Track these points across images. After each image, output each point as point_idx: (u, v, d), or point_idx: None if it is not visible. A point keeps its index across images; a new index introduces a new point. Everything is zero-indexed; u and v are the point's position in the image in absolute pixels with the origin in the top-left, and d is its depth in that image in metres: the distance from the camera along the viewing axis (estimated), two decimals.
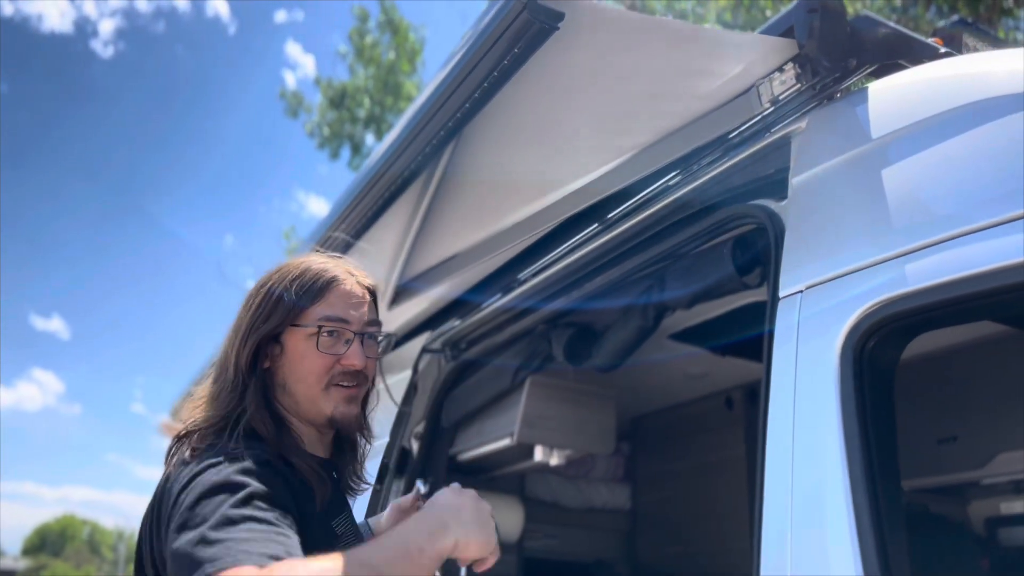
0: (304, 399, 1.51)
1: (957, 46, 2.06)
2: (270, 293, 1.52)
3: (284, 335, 1.51)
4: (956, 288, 1.36)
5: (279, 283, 1.52)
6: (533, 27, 1.55)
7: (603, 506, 4.44)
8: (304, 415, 1.53)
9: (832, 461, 1.42)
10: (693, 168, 2.16)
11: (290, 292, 1.50)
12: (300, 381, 1.50)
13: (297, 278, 1.52)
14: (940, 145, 1.52)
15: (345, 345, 1.51)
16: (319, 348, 1.49)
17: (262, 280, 1.56)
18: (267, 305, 1.51)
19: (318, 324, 1.49)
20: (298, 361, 1.50)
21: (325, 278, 1.53)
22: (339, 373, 1.51)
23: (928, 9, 9.70)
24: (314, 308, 1.51)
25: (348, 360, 1.50)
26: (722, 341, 3.41)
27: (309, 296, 1.51)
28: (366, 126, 15.82)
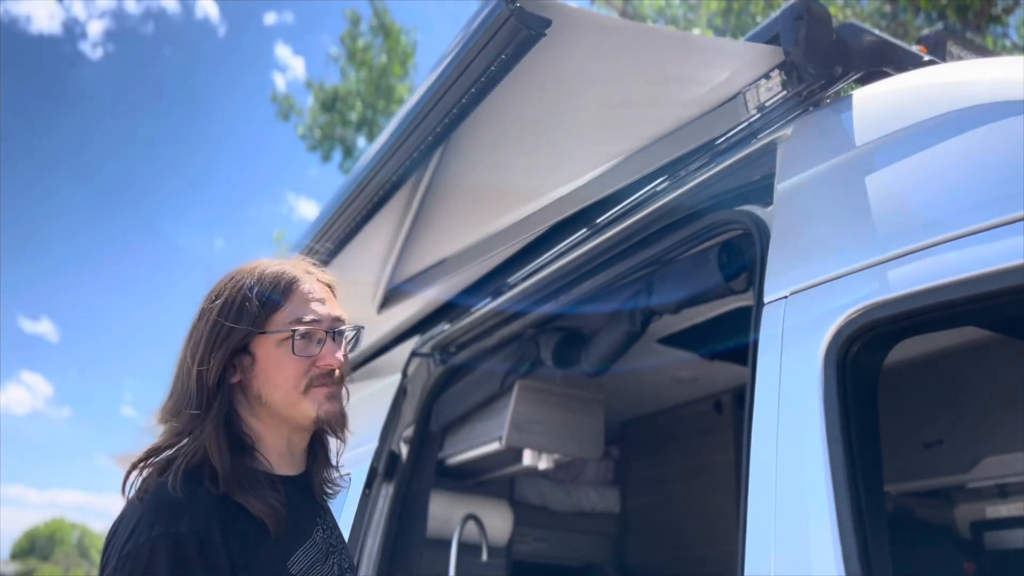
0: (284, 406, 1.47)
1: (941, 54, 2.08)
2: (230, 302, 1.46)
3: (252, 344, 1.46)
4: (939, 294, 1.37)
5: (237, 291, 1.47)
6: (520, 33, 1.55)
7: (592, 510, 4.44)
8: (285, 422, 1.49)
9: (815, 466, 1.42)
10: (680, 174, 2.17)
11: (251, 299, 1.45)
12: (277, 388, 1.46)
13: (256, 284, 1.47)
14: (924, 152, 1.53)
15: (318, 345, 1.47)
16: (295, 352, 1.45)
17: (215, 290, 1.50)
18: (229, 315, 1.45)
19: (290, 328, 1.45)
20: (273, 369, 1.45)
21: (285, 280, 1.49)
22: (316, 376, 1.47)
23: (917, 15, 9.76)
24: (280, 312, 1.46)
25: (324, 360, 1.47)
26: (710, 345, 3.43)
27: (273, 300, 1.46)
28: (358, 129, 15.81)
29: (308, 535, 1.48)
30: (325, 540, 1.52)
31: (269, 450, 1.49)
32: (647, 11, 11.65)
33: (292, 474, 1.53)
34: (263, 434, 1.49)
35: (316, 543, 1.49)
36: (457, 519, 3.51)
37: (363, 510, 3.03)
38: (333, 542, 1.56)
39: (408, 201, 2.68)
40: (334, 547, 1.55)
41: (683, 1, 11.12)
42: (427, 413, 3.20)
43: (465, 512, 3.53)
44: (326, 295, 1.54)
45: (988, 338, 2.60)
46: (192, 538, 1.28)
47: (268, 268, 1.51)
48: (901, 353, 1.62)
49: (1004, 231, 1.32)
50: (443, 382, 3.23)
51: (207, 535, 1.29)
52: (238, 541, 1.32)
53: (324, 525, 1.55)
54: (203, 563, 1.27)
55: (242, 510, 1.36)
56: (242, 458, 1.43)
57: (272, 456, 1.49)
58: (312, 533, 1.50)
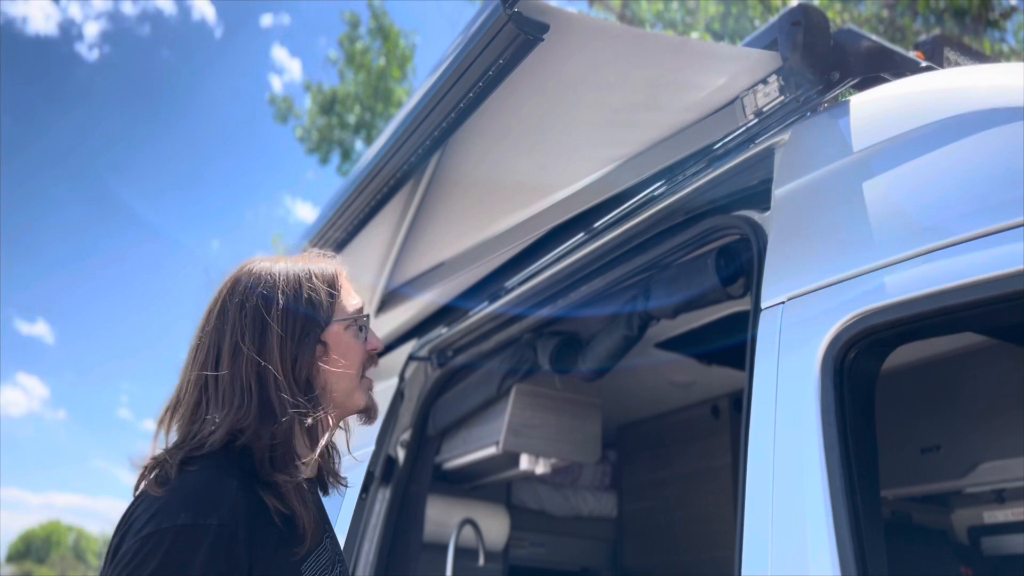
0: (342, 395, 1.49)
1: (938, 59, 2.08)
2: (293, 297, 1.46)
3: (324, 334, 1.48)
4: (937, 300, 1.37)
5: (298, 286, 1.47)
6: (518, 38, 1.56)
7: (589, 514, 4.44)
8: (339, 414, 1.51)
9: (812, 471, 1.43)
10: (678, 178, 2.17)
11: (318, 291, 1.48)
12: (343, 376, 1.48)
13: (311, 275, 1.50)
14: (921, 158, 1.53)
15: (364, 332, 1.54)
16: (364, 337, 1.52)
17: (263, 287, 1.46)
18: (300, 308, 1.46)
19: (354, 314, 1.52)
20: (343, 356, 1.48)
21: (331, 271, 1.54)
22: (367, 359, 1.54)
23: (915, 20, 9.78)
24: (343, 300, 1.52)
25: (373, 344, 1.54)
26: (708, 350, 3.43)
27: (336, 289, 1.51)
28: (356, 132, 15.81)
29: (320, 542, 1.47)
30: (331, 548, 1.51)
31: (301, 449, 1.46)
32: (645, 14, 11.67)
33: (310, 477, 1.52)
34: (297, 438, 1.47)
35: (326, 549, 1.49)
36: (454, 523, 3.50)
37: (359, 514, 3.02)
38: (336, 552, 1.55)
39: (406, 204, 2.69)
40: (339, 557, 1.54)
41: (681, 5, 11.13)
42: (424, 417, 3.20)
43: (462, 516, 3.53)
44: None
45: (985, 343, 2.60)
46: (217, 531, 1.25)
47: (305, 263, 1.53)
48: (898, 358, 1.62)
49: (1001, 237, 1.32)
50: (440, 386, 3.23)
51: (234, 530, 1.26)
52: (261, 541, 1.31)
53: (328, 533, 1.54)
54: (225, 558, 1.24)
55: (267, 510, 1.34)
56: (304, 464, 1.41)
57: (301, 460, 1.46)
58: (323, 540, 1.49)
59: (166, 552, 1.21)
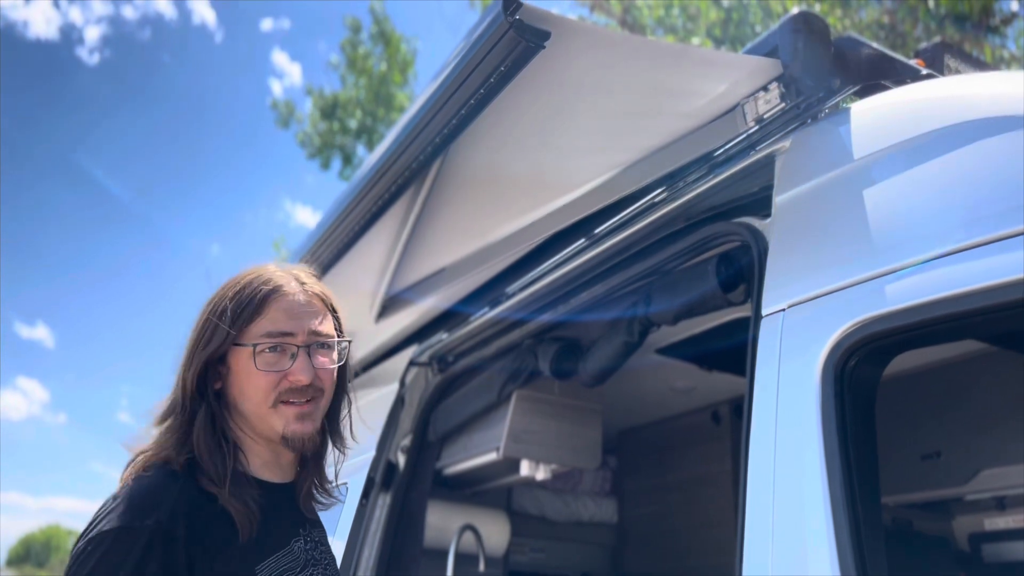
0: (254, 418, 1.47)
1: (939, 67, 2.08)
2: (213, 312, 1.47)
3: (229, 355, 1.47)
4: (937, 308, 1.37)
5: (221, 301, 1.47)
6: (519, 46, 1.56)
7: (590, 520, 4.43)
8: (259, 435, 1.49)
9: (813, 478, 1.43)
10: (679, 185, 2.17)
11: (228, 311, 1.45)
12: (248, 400, 1.46)
13: (237, 294, 1.47)
14: (922, 166, 1.53)
15: (291, 360, 1.45)
16: (258, 366, 1.43)
17: (211, 297, 1.51)
18: (209, 325, 1.46)
19: (258, 341, 1.44)
20: (244, 380, 1.45)
21: (264, 291, 1.47)
22: (286, 390, 1.45)
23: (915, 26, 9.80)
24: (256, 324, 1.45)
25: (294, 376, 1.45)
26: (708, 356, 3.43)
27: (248, 313, 1.45)
28: (357, 137, 15.83)
29: (285, 544, 1.47)
30: (305, 552, 1.51)
31: (253, 455, 1.50)
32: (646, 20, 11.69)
33: (277, 481, 1.53)
34: (244, 440, 1.50)
35: (293, 552, 1.48)
36: (454, 529, 3.50)
37: (360, 520, 3.02)
38: (315, 555, 1.54)
39: (407, 210, 2.69)
40: (315, 560, 1.53)
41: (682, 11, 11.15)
42: (425, 423, 3.20)
43: (462, 522, 3.52)
44: (312, 308, 1.51)
45: (986, 350, 2.60)
46: (152, 532, 1.29)
47: (255, 277, 1.50)
48: (899, 364, 1.62)
49: (1002, 245, 1.32)
50: (441, 392, 3.23)
51: (170, 530, 1.30)
52: (204, 540, 1.34)
53: (308, 537, 1.54)
54: (159, 558, 1.29)
55: (217, 511, 1.38)
56: (225, 459, 1.44)
57: (256, 461, 1.50)
58: (290, 543, 1.49)
59: (103, 553, 1.28)
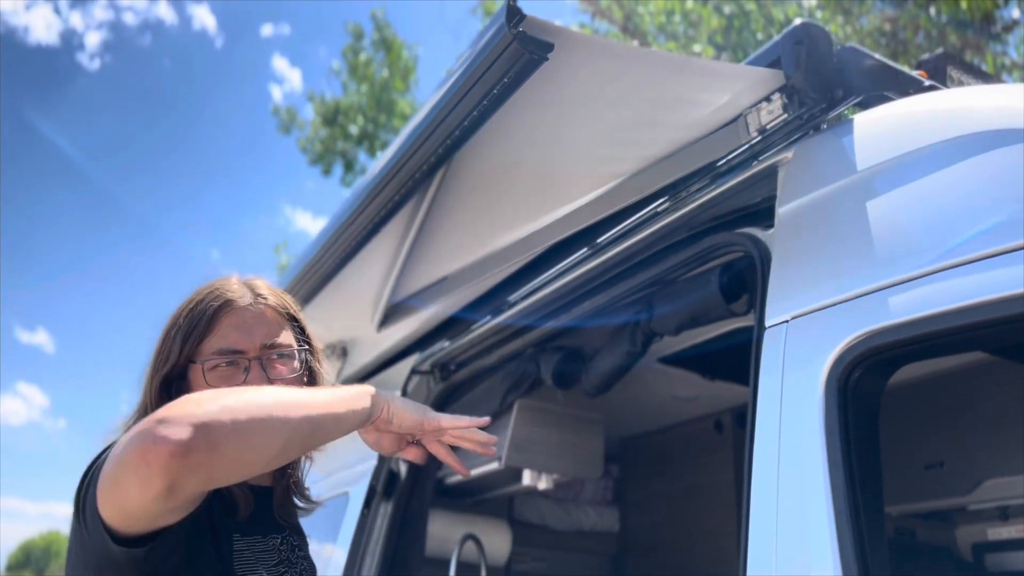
0: None
1: (941, 78, 2.08)
2: (170, 330, 1.46)
3: (188, 371, 1.45)
4: (941, 321, 1.37)
5: (176, 319, 1.47)
6: (523, 58, 1.56)
7: (592, 529, 4.42)
8: None
9: (816, 490, 1.43)
10: (682, 195, 2.17)
11: (181, 329, 1.44)
12: None
13: (190, 312, 1.46)
14: (925, 178, 1.53)
15: (244, 373, 1.43)
16: (208, 382, 1.41)
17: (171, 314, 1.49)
18: (166, 344, 1.45)
19: (207, 359, 1.43)
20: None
21: (214, 307, 1.46)
22: None
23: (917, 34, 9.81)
24: (207, 341, 1.44)
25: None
26: (711, 365, 3.43)
27: (200, 330, 1.44)
28: (358, 143, 15.85)
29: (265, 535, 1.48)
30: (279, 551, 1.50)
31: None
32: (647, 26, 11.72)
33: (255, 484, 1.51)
34: None
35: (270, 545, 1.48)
36: (456, 538, 3.49)
37: (361, 529, 3.01)
38: (291, 557, 1.53)
39: (410, 219, 2.69)
40: (290, 562, 1.52)
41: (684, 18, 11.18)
42: None
43: (464, 531, 3.52)
44: (264, 320, 1.49)
45: (990, 360, 2.59)
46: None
47: (210, 293, 1.49)
48: (902, 374, 1.62)
49: (1005, 259, 1.32)
50: (443, 400, 3.22)
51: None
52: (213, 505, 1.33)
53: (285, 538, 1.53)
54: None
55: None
56: None
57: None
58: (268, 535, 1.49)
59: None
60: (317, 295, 2.93)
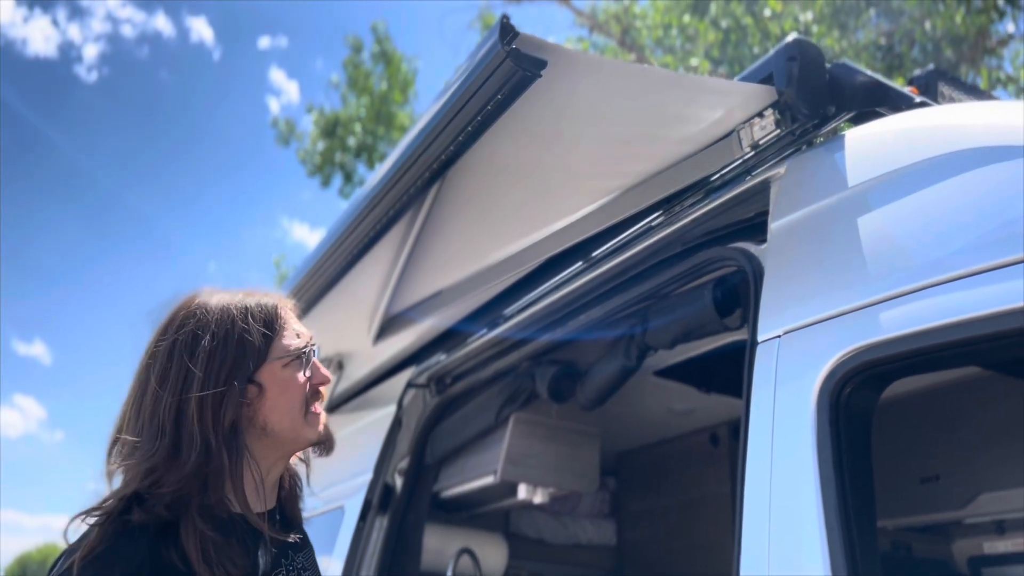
0: (288, 432, 1.46)
1: (933, 95, 2.10)
2: (223, 336, 1.42)
3: (259, 374, 1.43)
4: (932, 336, 1.37)
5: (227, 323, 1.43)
6: (516, 75, 1.57)
7: (588, 542, 4.40)
8: (284, 451, 1.49)
9: (808, 506, 1.43)
10: (675, 209, 2.18)
11: (250, 330, 1.43)
12: (284, 414, 1.44)
13: (247, 313, 1.45)
14: (917, 194, 1.54)
15: (306, 366, 1.49)
16: (306, 373, 1.47)
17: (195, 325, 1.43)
18: (229, 347, 1.41)
19: (296, 352, 1.47)
20: (280, 394, 1.44)
21: (271, 304, 1.49)
22: (311, 394, 1.50)
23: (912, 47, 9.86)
24: (280, 338, 1.47)
25: (319, 377, 1.50)
26: (706, 378, 3.43)
27: (272, 327, 1.46)
28: (357, 155, 15.88)
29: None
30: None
31: (247, 484, 1.44)
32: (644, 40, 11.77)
33: (260, 510, 1.47)
34: (246, 472, 1.44)
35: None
36: (451, 552, 3.48)
37: (357, 543, 3.01)
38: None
39: (406, 232, 2.70)
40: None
41: (681, 32, 11.23)
42: (422, 445, 3.19)
43: (460, 546, 3.51)
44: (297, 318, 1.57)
45: (985, 373, 2.59)
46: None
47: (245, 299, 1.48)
48: (897, 387, 1.62)
49: (997, 274, 1.33)
50: (438, 414, 3.22)
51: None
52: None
53: (291, 565, 1.50)
54: None
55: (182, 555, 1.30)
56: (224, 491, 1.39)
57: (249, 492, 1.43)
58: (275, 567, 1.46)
59: None
60: (314, 308, 2.93)
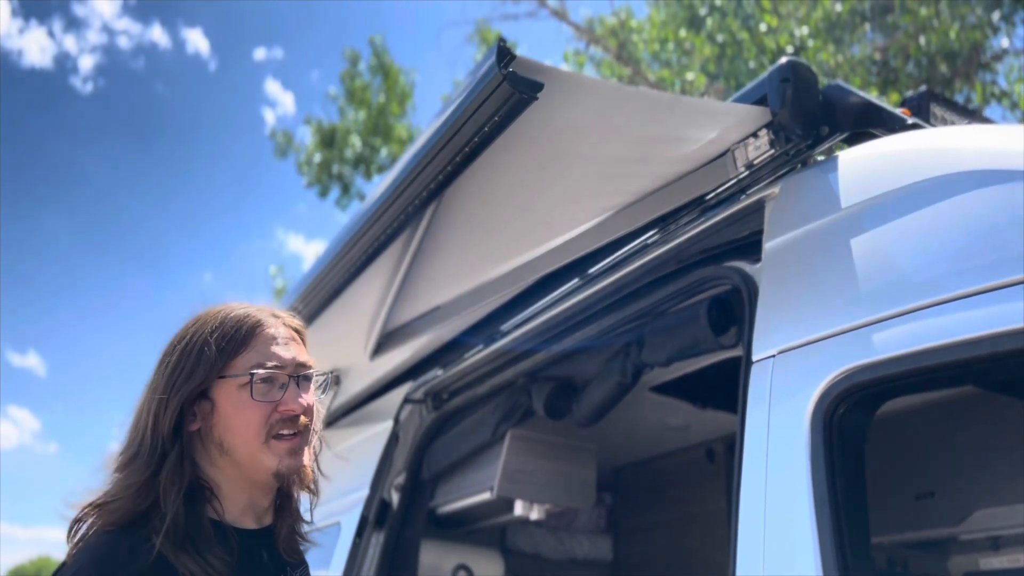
0: (244, 455, 1.41)
1: (925, 116, 2.12)
2: (190, 347, 1.41)
3: (213, 390, 1.41)
4: (925, 358, 1.39)
5: (198, 335, 1.43)
6: (513, 97, 1.59)
7: (585, 557, 4.39)
8: (246, 474, 1.43)
9: (802, 524, 1.44)
10: (670, 228, 2.20)
11: (211, 343, 1.40)
12: (238, 435, 1.40)
13: (217, 328, 1.43)
14: (910, 216, 1.55)
15: (280, 390, 1.42)
16: (254, 396, 1.39)
17: (178, 335, 1.46)
18: (188, 360, 1.40)
19: (249, 371, 1.40)
20: (233, 415, 1.40)
21: (248, 323, 1.45)
22: (278, 421, 1.41)
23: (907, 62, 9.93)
24: (242, 356, 1.42)
25: (286, 406, 1.42)
26: (702, 394, 3.43)
27: (234, 344, 1.42)
28: (355, 167, 15.91)
29: None
30: None
31: (229, 500, 1.43)
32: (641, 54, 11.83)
33: (254, 527, 1.47)
34: (223, 484, 1.43)
35: None
36: (448, 569, 3.48)
37: (353, 558, 3.00)
38: None
39: (403, 249, 2.71)
40: None
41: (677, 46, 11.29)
42: (419, 461, 3.19)
43: (456, 562, 3.51)
44: (292, 340, 1.50)
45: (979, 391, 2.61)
46: None
47: (232, 312, 1.47)
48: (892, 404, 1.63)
49: (988, 297, 1.34)
50: (435, 429, 3.22)
51: None
52: None
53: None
54: None
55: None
56: (195, 508, 1.37)
57: (233, 508, 1.44)
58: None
59: None
60: (312, 323, 2.94)
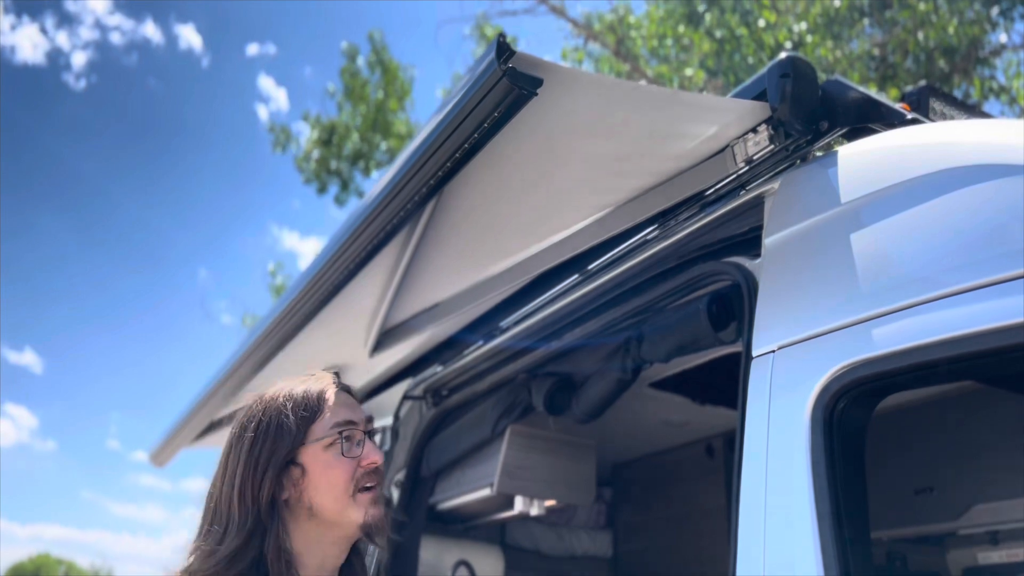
0: (333, 514, 1.51)
1: (924, 111, 2.11)
2: (265, 423, 1.53)
3: (300, 456, 1.52)
4: (926, 352, 1.39)
5: (269, 412, 1.54)
6: (512, 93, 1.58)
7: (585, 553, 4.40)
8: (328, 534, 1.53)
9: (802, 520, 1.44)
10: (670, 224, 2.20)
11: (288, 415, 1.52)
12: (328, 494, 1.51)
13: (289, 400, 1.54)
14: (910, 211, 1.55)
15: (359, 447, 1.54)
16: (344, 454, 1.52)
17: (243, 419, 1.57)
18: (268, 435, 1.51)
19: (334, 431, 1.52)
20: (322, 474, 1.51)
21: (316, 390, 1.57)
22: (363, 475, 1.54)
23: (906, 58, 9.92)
24: (319, 422, 1.54)
25: (368, 459, 1.54)
26: (701, 390, 3.44)
27: (310, 411, 1.53)
28: (353, 163, 15.88)
29: None
30: None
31: (306, 568, 1.52)
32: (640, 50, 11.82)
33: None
34: (303, 552, 1.52)
35: None
36: (448, 565, 3.48)
37: None
38: None
39: (403, 245, 2.71)
40: None
41: (676, 42, 11.27)
42: (419, 457, 3.19)
43: (456, 558, 3.51)
44: (355, 399, 1.63)
45: (979, 386, 2.61)
46: None
47: (296, 386, 1.58)
48: (892, 399, 1.64)
49: (989, 291, 1.34)
50: (435, 426, 3.22)
51: None
52: None
53: None
54: None
55: None
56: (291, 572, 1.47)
57: (305, 572, 1.52)
58: None
59: None
60: (312, 320, 2.94)
